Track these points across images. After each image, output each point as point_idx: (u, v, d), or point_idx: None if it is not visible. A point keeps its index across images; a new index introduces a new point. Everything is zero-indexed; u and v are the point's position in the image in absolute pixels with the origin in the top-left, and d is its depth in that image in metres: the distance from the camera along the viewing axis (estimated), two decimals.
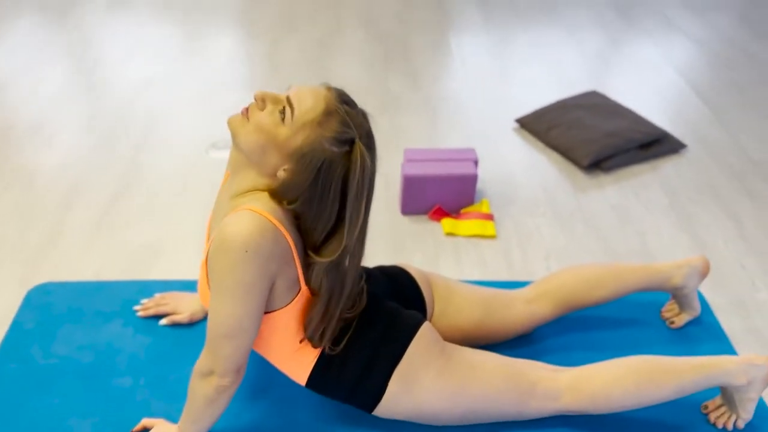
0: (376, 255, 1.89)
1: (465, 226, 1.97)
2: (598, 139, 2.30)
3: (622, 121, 2.40)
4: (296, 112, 1.14)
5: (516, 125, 2.55)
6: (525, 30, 3.32)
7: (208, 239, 1.38)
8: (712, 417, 1.47)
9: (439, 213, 2.01)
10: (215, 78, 2.80)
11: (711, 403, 1.49)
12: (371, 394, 1.32)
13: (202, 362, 1.23)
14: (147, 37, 3.11)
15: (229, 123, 1.18)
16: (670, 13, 3.56)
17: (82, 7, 3.35)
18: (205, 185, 2.18)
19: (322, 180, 1.16)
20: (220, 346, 1.20)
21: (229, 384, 1.23)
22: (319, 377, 1.33)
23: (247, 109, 1.18)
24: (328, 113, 1.15)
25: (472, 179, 1.98)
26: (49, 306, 1.71)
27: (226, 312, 1.17)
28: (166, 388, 1.51)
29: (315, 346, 1.29)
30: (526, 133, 2.51)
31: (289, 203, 1.18)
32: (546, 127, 2.42)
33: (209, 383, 1.22)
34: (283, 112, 1.15)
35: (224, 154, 2.33)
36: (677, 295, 1.67)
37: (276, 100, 1.17)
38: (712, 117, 2.65)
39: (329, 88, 1.18)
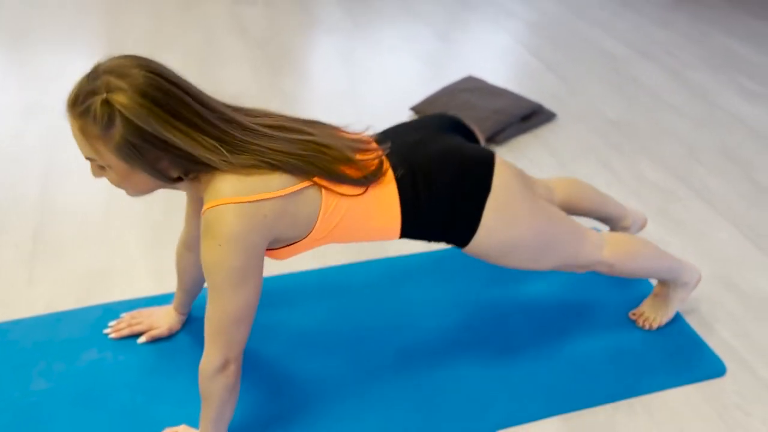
0: (344, 250, 1.98)
1: None
2: (488, 116, 2.58)
3: (503, 99, 2.70)
4: (84, 151, 1.19)
5: (411, 113, 2.76)
6: (389, 26, 3.55)
7: None
8: (640, 322, 1.79)
9: None
10: None
11: (637, 311, 1.81)
12: (467, 226, 1.36)
13: (211, 359, 1.24)
14: (5, 69, 2.91)
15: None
16: (502, 1, 3.98)
17: None
18: (133, 200, 2.14)
19: (146, 142, 1.14)
20: (233, 333, 1.23)
21: (240, 364, 1.28)
22: (410, 219, 1.35)
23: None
24: (81, 117, 1.14)
25: None
26: (10, 346, 1.62)
27: (232, 302, 1.21)
28: (168, 397, 1.52)
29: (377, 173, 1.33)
30: None
31: (179, 175, 1.22)
32: (440, 111, 2.66)
33: (226, 375, 1.26)
34: (93, 161, 1.21)
35: None
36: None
37: (89, 161, 1.22)
38: (567, 89, 3.04)
39: (70, 102, 1.17)
